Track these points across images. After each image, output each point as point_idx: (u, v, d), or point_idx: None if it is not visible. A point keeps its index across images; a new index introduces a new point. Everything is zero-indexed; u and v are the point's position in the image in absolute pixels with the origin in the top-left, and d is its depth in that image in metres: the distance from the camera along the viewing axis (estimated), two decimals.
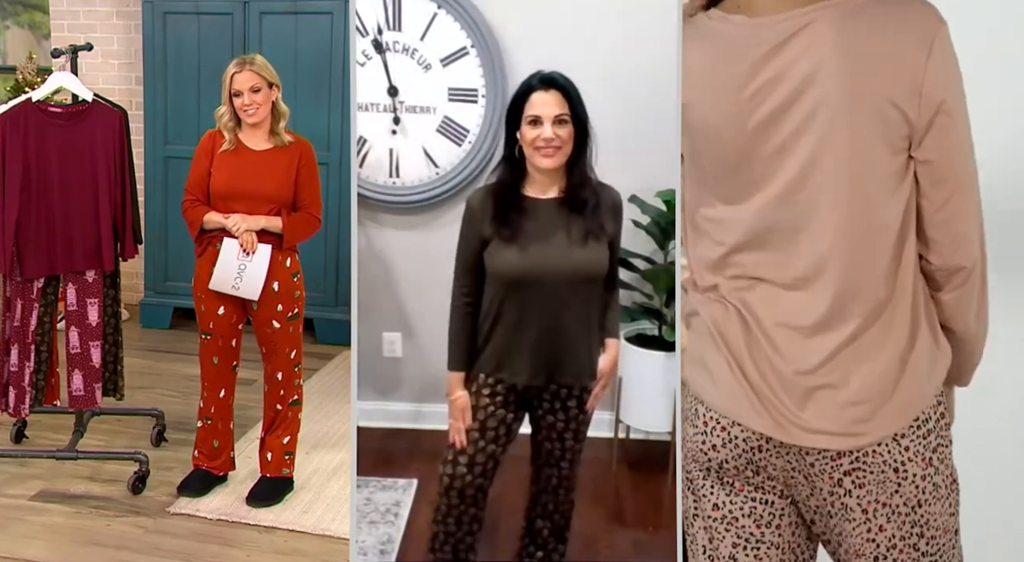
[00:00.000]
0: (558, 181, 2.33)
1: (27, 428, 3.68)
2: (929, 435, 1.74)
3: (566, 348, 2.34)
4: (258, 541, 2.99)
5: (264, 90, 3.09)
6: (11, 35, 5.94)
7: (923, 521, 1.77)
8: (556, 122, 2.26)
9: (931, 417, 1.74)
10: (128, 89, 5.40)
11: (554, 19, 2.59)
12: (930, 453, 1.74)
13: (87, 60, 4.92)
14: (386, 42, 2.62)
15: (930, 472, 1.75)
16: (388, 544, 2.60)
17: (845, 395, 1.72)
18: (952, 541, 1.82)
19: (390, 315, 2.79)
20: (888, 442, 1.72)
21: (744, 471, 1.83)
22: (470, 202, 2.38)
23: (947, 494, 1.78)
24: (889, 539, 1.79)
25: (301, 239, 3.20)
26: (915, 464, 1.74)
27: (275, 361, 3.21)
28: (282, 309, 3.15)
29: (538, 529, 2.47)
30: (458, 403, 2.36)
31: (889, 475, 1.74)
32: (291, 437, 3.26)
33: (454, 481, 2.34)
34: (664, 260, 2.75)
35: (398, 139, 2.70)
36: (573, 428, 2.38)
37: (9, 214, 3.12)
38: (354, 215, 2.50)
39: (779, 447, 1.78)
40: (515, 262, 2.30)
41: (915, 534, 1.78)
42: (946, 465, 1.77)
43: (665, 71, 2.42)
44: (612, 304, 2.47)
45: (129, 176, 3.28)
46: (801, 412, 1.74)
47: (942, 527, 1.79)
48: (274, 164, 3.12)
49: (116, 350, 3.40)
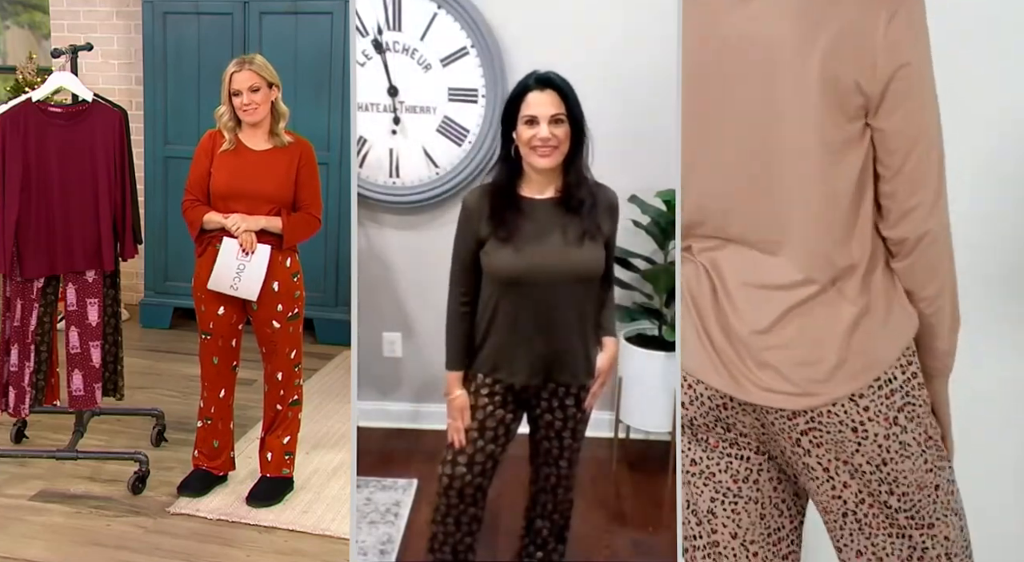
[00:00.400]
0: (554, 181, 2.35)
1: (27, 428, 3.68)
2: (893, 395, 1.75)
3: (563, 347, 2.34)
4: (258, 541, 2.99)
5: (263, 90, 3.08)
6: (11, 35, 5.94)
7: (891, 478, 1.78)
8: (552, 122, 2.26)
9: (895, 377, 1.75)
10: (128, 89, 5.40)
11: (554, 19, 2.59)
12: (895, 413, 1.75)
13: (87, 60, 4.92)
14: (386, 42, 2.62)
15: (895, 431, 1.76)
16: (388, 544, 2.60)
17: (800, 355, 1.75)
18: (932, 496, 1.82)
19: (390, 315, 2.79)
20: (844, 402, 1.74)
21: (715, 428, 1.90)
22: (466, 202, 2.39)
23: (920, 451, 1.78)
24: (856, 495, 1.81)
25: (301, 239, 3.20)
26: (876, 424, 1.75)
27: (275, 361, 3.21)
28: (282, 309, 3.15)
29: (537, 529, 2.47)
30: (456, 402, 2.36)
31: (847, 434, 1.76)
32: (291, 437, 3.26)
33: (453, 481, 2.35)
34: (664, 260, 2.75)
35: (398, 139, 2.71)
36: (571, 427, 2.39)
37: (9, 214, 3.12)
38: (354, 215, 2.50)
39: (742, 405, 1.83)
40: (511, 262, 2.31)
41: (884, 491, 1.80)
42: (917, 424, 1.77)
43: (665, 71, 2.42)
44: (609, 303, 2.47)
45: (129, 176, 3.28)
46: (759, 371, 1.78)
47: (916, 483, 1.80)
48: (274, 164, 3.12)
49: (116, 350, 3.41)
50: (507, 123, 2.36)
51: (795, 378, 1.75)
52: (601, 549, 2.56)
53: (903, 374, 1.76)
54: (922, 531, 1.83)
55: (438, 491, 2.37)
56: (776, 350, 1.76)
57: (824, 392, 1.74)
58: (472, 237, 2.36)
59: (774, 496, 1.97)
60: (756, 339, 1.78)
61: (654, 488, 2.68)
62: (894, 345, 1.75)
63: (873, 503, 1.81)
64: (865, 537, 1.85)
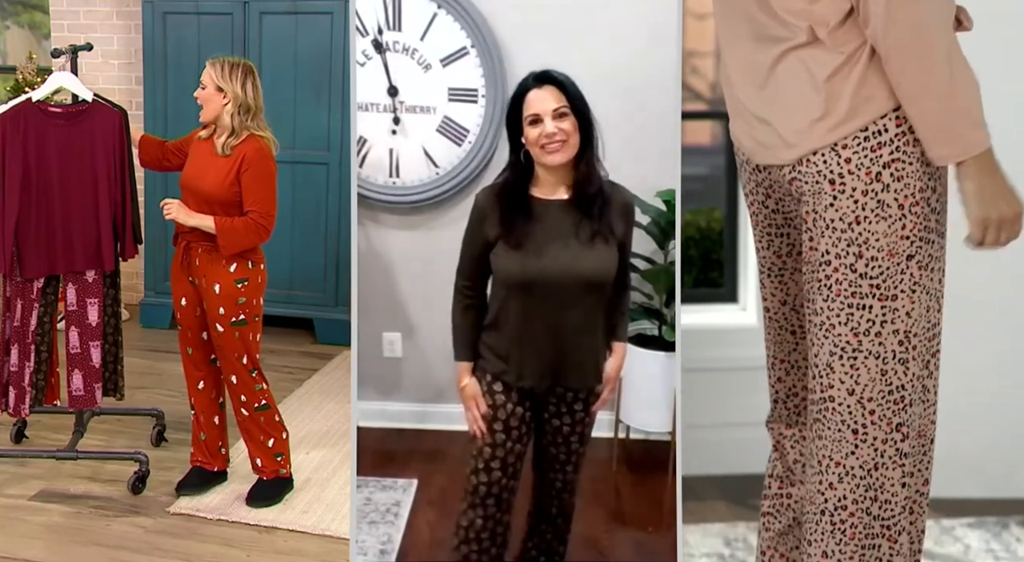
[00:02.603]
0: (566, 180, 2.31)
1: (27, 428, 3.68)
2: (880, 148, 1.71)
3: (572, 353, 2.32)
4: (258, 541, 2.99)
5: (210, 90, 3.02)
6: (11, 35, 5.94)
7: (860, 239, 1.74)
8: (556, 116, 2.24)
9: (884, 130, 1.71)
10: (128, 89, 5.40)
11: (554, 19, 2.60)
12: (879, 168, 1.72)
13: (87, 60, 4.92)
14: (386, 42, 2.62)
15: (875, 188, 1.72)
16: (388, 544, 2.60)
17: (784, 108, 1.79)
18: (902, 266, 1.75)
19: (390, 315, 2.79)
20: (826, 152, 1.74)
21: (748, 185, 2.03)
22: (478, 200, 2.37)
23: (898, 215, 1.74)
24: (823, 255, 1.78)
25: (239, 246, 3.02)
26: (856, 178, 1.73)
27: (225, 366, 3.15)
28: (224, 313, 3.07)
29: (541, 531, 2.46)
30: (467, 391, 2.35)
31: (824, 187, 1.75)
32: (275, 439, 3.20)
33: (492, 487, 2.30)
34: (664, 260, 2.75)
35: (398, 139, 2.71)
36: (579, 431, 2.37)
37: (9, 214, 3.12)
38: (354, 215, 2.50)
39: (758, 167, 1.94)
40: (520, 267, 2.28)
41: (851, 253, 1.75)
42: (904, 184, 1.73)
43: (666, 71, 2.42)
44: (621, 307, 2.45)
45: (129, 176, 3.28)
46: (759, 127, 1.86)
47: (886, 249, 1.74)
48: (215, 164, 3.04)
49: (116, 350, 3.40)
50: (513, 128, 2.34)
51: (783, 131, 1.79)
52: (601, 549, 2.56)
53: (894, 128, 1.71)
54: (884, 303, 1.74)
55: (472, 503, 2.30)
56: (767, 106, 1.83)
57: (802, 143, 1.77)
58: (481, 237, 2.34)
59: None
60: (752, 98, 1.86)
61: (654, 488, 2.68)
62: (887, 95, 1.71)
63: (839, 266, 1.76)
64: (823, 298, 1.78)
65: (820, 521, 1.82)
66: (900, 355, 1.75)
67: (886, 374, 1.75)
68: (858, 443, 1.77)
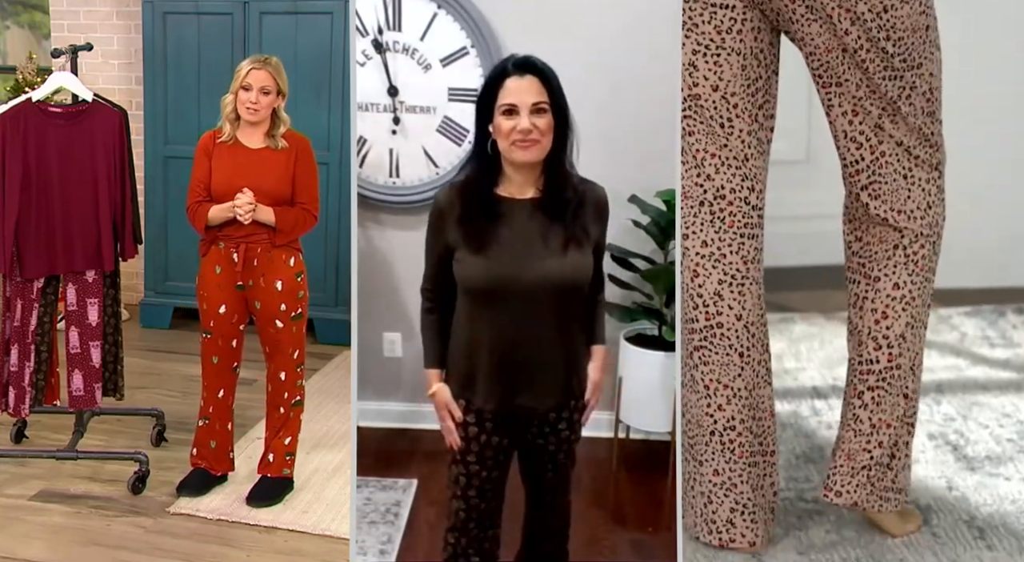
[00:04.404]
0: (535, 178, 2.13)
1: (27, 428, 3.68)
2: None
3: (546, 369, 2.16)
4: (258, 541, 2.99)
5: (272, 95, 3.09)
6: (11, 35, 5.94)
7: (889, 25, 2.01)
8: (534, 111, 2.05)
9: None
10: (128, 89, 5.40)
11: (554, 19, 2.59)
12: None
13: (87, 60, 4.91)
14: (386, 42, 2.62)
15: None
16: (388, 544, 2.60)
17: None
18: (923, 36, 2.07)
19: (390, 315, 2.79)
20: None
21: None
22: (438, 200, 2.21)
23: None
24: (856, 40, 2.06)
25: (296, 234, 3.17)
26: None
27: (278, 361, 3.21)
28: (285, 308, 3.14)
29: (537, 546, 2.41)
30: (438, 398, 2.25)
31: None
32: (292, 438, 3.26)
33: (471, 512, 2.23)
34: (664, 260, 2.75)
35: (398, 139, 2.71)
36: (565, 449, 2.26)
37: (9, 214, 3.12)
38: (354, 215, 2.50)
39: None
40: (483, 274, 2.11)
41: (882, 38, 2.03)
42: None
43: (666, 72, 2.42)
44: (598, 309, 2.33)
45: (129, 176, 3.28)
46: None
47: (910, 27, 2.03)
48: (271, 161, 3.11)
49: (116, 350, 3.40)
50: (482, 113, 2.13)
51: None
52: (601, 549, 2.56)
53: None
54: (912, 71, 2.09)
55: (453, 524, 2.24)
56: None
57: None
58: (442, 241, 2.17)
59: (754, 46, 2.23)
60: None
61: (654, 488, 2.67)
62: None
63: (871, 48, 2.05)
64: (863, 73, 2.09)
65: (710, 441, 2.22)
66: None
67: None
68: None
